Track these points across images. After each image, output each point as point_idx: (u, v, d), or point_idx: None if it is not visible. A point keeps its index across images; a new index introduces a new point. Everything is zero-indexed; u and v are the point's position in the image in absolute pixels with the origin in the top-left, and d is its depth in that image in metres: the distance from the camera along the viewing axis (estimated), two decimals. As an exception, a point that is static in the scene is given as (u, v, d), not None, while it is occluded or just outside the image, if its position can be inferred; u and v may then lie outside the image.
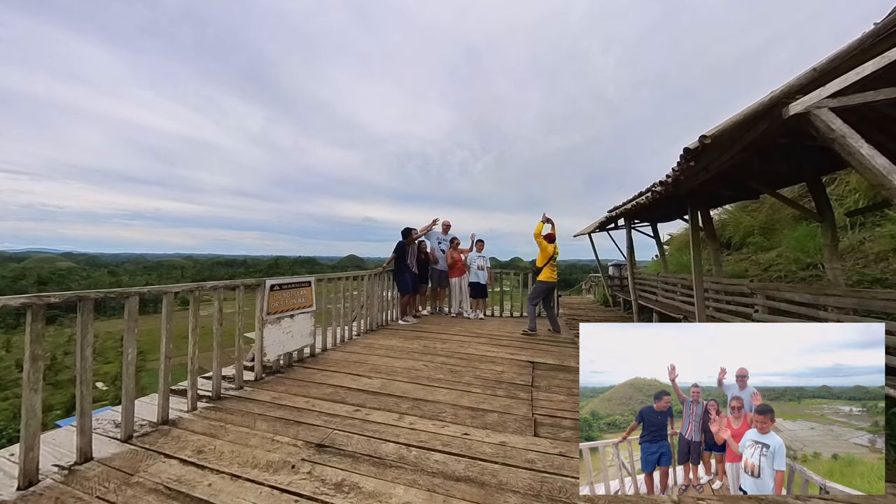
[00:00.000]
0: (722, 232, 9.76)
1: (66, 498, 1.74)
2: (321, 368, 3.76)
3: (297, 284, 3.87)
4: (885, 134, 3.42)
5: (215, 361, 2.98)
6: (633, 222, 9.30)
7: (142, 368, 19.05)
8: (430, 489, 1.86)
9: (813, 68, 2.38)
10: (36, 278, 55.63)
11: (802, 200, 7.62)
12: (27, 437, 1.80)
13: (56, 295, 1.96)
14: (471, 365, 4.01)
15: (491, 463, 2.11)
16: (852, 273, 5.68)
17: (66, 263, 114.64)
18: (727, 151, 3.24)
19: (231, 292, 3.10)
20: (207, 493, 1.79)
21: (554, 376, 3.72)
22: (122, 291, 2.31)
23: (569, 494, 1.84)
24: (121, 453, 2.12)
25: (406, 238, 6.21)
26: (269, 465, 2.04)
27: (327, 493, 1.81)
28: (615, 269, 13.14)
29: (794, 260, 6.94)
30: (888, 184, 2.02)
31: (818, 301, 3.89)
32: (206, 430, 2.41)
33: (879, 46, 2.25)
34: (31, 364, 1.81)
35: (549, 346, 5.03)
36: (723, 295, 5.73)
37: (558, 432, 2.51)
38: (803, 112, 2.33)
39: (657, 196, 4.48)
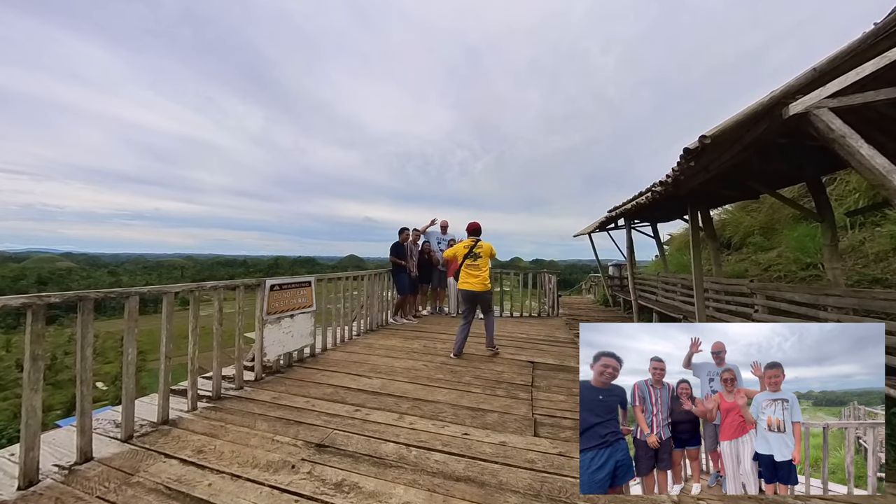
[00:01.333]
0: (722, 232, 9.75)
1: (67, 498, 1.74)
2: (321, 368, 3.76)
3: (297, 284, 3.87)
4: (885, 134, 3.42)
5: (215, 361, 2.98)
6: (633, 222, 9.30)
7: (142, 368, 19.06)
8: (430, 489, 1.86)
9: (813, 68, 2.38)
10: (36, 278, 55.63)
11: (802, 200, 7.62)
12: (27, 436, 1.80)
13: (56, 295, 1.96)
14: (471, 365, 4.01)
15: (491, 463, 2.11)
16: (852, 273, 5.68)
17: (66, 263, 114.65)
18: (727, 151, 3.24)
19: (231, 292, 3.10)
20: (207, 493, 1.79)
21: (554, 376, 3.72)
22: (122, 291, 2.31)
23: (569, 494, 1.84)
24: (121, 453, 2.12)
25: (400, 236, 6.24)
26: (270, 465, 2.04)
27: (327, 493, 1.81)
28: (615, 269, 13.13)
29: (794, 260, 6.94)
30: (888, 184, 2.02)
31: (818, 301, 3.89)
32: (206, 430, 2.41)
33: (879, 46, 2.25)
34: (31, 364, 1.81)
35: (549, 346, 5.03)
36: (723, 295, 5.72)
37: (558, 432, 2.51)
38: (803, 112, 2.33)
39: (657, 196, 4.48)
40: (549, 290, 7.99)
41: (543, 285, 8.12)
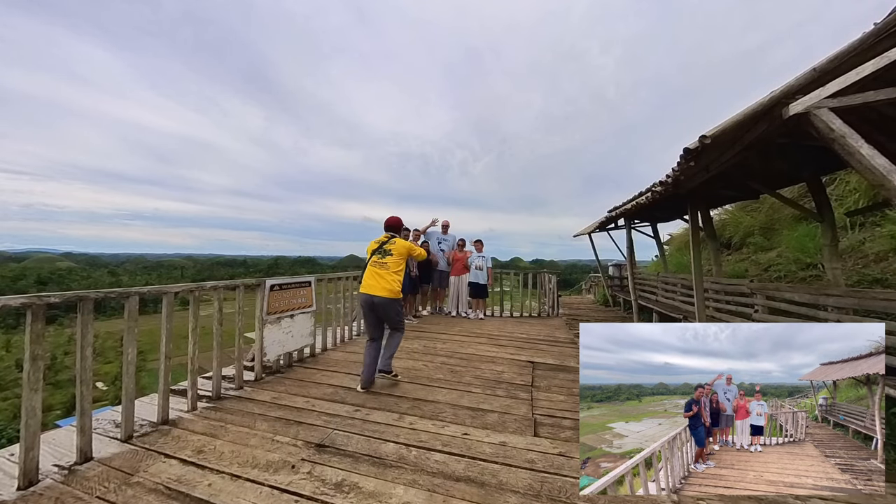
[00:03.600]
0: (722, 232, 9.75)
1: (66, 498, 1.74)
2: (321, 368, 3.76)
3: (296, 284, 3.87)
4: (885, 134, 3.41)
5: (215, 361, 2.98)
6: (633, 222, 9.30)
7: (142, 368, 19.05)
8: (430, 489, 1.86)
9: (813, 68, 2.38)
10: (36, 278, 55.63)
11: (802, 200, 7.62)
12: (27, 436, 1.80)
13: (56, 295, 1.96)
14: (471, 365, 4.01)
15: (491, 463, 2.11)
16: (852, 273, 5.68)
17: (66, 263, 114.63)
18: (727, 151, 3.24)
19: (231, 292, 3.10)
20: (207, 493, 1.79)
21: (554, 376, 3.72)
22: (122, 291, 2.31)
23: (569, 494, 1.84)
24: (121, 453, 2.12)
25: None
26: (269, 465, 2.04)
27: (327, 493, 1.81)
28: (615, 269, 13.13)
29: (794, 260, 6.94)
30: (888, 184, 2.02)
31: (818, 301, 3.89)
32: (206, 430, 2.41)
33: (879, 46, 2.25)
34: (31, 364, 1.81)
35: (548, 346, 5.03)
36: (723, 295, 5.72)
37: (558, 432, 2.51)
38: (803, 112, 2.33)
39: (657, 196, 4.48)
40: (549, 290, 7.99)
41: (543, 285, 8.12)
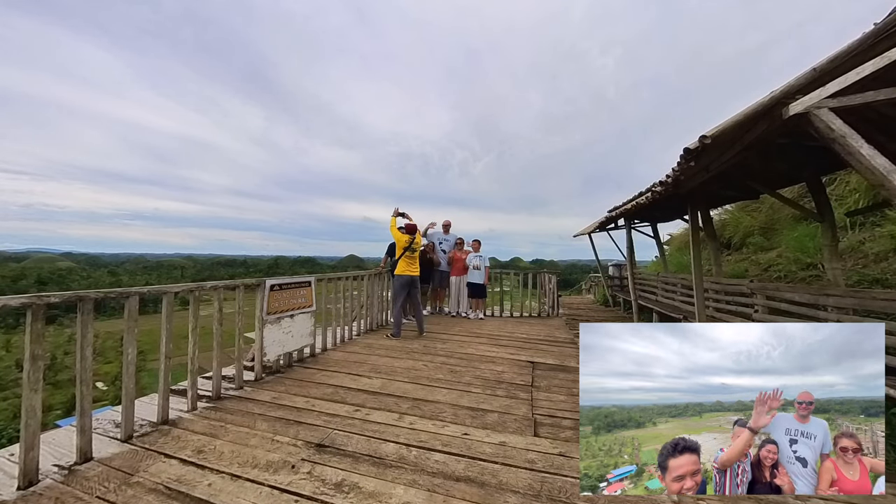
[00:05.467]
0: (722, 232, 9.75)
1: (66, 498, 1.74)
2: (321, 368, 3.76)
3: (297, 284, 3.87)
4: (885, 134, 3.42)
5: (215, 361, 2.98)
6: (633, 222, 9.31)
7: (142, 368, 19.05)
8: (430, 489, 1.86)
9: (813, 68, 2.39)
10: (36, 278, 55.60)
11: (802, 200, 7.62)
12: (27, 436, 1.80)
13: (56, 295, 1.96)
14: (471, 365, 4.01)
15: (491, 463, 2.11)
16: (852, 273, 5.68)
17: (66, 263, 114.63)
18: (727, 151, 3.24)
19: (231, 292, 3.10)
20: (207, 493, 1.79)
21: (554, 376, 3.72)
22: (122, 291, 2.31)
23: (569, 494, 1.84)
24: (121, 453, 2.12)
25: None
26: (269, 465, 2.04)
27: (327, 493, 1.81)
28: (615, 269, 13.13)
29: (794, 260, 6.94)
30: (888, 184, 2.02)
31: (818, 301, 3.89)
32: (206, 430, 2.41)
33: (879, 46, 2.25)
34: (31, 364, 1.81)
35: (548, 346, 5.03)
36: (723, 295, 5.73)
37: (558, 432, 2.51)
38: (803, 112, 2.33)
39: (657, 196, 4.48)
40: (549, 290, 7.99)
41: (543, 285, 8.12)
